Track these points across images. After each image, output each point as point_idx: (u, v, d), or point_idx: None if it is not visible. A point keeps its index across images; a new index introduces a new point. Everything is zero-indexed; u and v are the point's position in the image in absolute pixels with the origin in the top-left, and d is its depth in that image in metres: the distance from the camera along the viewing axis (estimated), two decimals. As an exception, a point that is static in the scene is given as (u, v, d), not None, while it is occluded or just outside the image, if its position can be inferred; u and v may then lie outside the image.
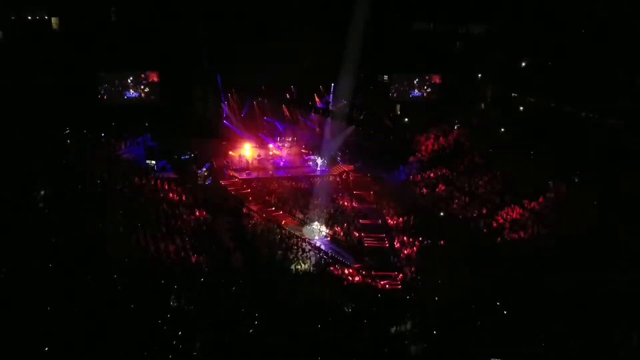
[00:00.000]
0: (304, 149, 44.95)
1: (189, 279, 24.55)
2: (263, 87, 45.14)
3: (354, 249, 31.25)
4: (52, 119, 35.83)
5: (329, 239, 32.40)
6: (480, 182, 36.78)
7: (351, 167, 42.24)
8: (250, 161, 42.21)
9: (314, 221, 33.19)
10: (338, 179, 40.95)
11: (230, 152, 42.92)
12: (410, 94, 46.72)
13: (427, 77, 46.55)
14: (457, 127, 45.13)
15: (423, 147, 42.97)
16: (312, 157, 43.69)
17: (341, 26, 39.11)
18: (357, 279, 28.37)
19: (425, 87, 46.40)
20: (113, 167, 34.62)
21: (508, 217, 32.82)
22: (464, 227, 33.16)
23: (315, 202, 35.56)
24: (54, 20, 42.57)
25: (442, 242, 31.14)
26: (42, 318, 19.06)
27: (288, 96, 45.50)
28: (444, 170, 39.16)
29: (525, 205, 33.27)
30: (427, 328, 21.92)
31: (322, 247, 31.49)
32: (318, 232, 32.57)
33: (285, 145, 44.73)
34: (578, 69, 39.20)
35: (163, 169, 38.93)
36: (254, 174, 40.81)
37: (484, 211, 33.97)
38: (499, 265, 27.05)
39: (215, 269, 26.54)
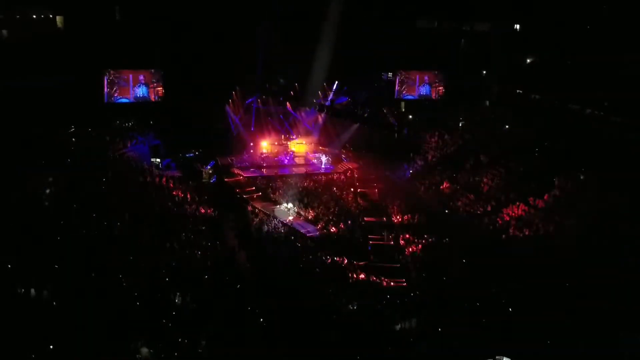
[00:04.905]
0: (308, 146, 44.93)
1: (194, 277, 24.58)
2: (267, 85, 45.22)
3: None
4: (57, 117, 35.95)
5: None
6: (485, 180, 36.69)
7: (355, 164, 42.18)
8: (255, 159, 42.35)
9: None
10: (342, 177, 40.90)
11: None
12: (415, 91, 46.74)
13: (431, 75, 46.54)
14: (462, 125, 45.07)
15: (427, 145, 42.88)
16: (316, 154, 43.66)
17: (345, 24, 39.12)
18: (362, 276, 28.39)
19: (429, 85, 46.37)
20: (118, 166, 34.74)
21: (513, 214, 32.74)
22: (469, 225, 33.09)
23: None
24: (58, 19, 42.73)
25: (447, 239, 31.09)
26: (45, 316, 19.17)
27: (292, 94, 45.49)
28: (449, 168, 39.05)
29: (531, 202, 33.19)
30: (432, 325, 21.90)
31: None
32: (290, 212, 33.83)
33: (290, 142, 44.74)
34: (583, 66, 39.11)
35: (167, 167, 39.00)
36: (259, 172, 40.84)
37: (489, 208, 33.89)
38: (504, 262, 26.96)
39: (220, 267, 26.55)
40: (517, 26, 48.54)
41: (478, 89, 47.11)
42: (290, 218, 33.59)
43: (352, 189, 38.39)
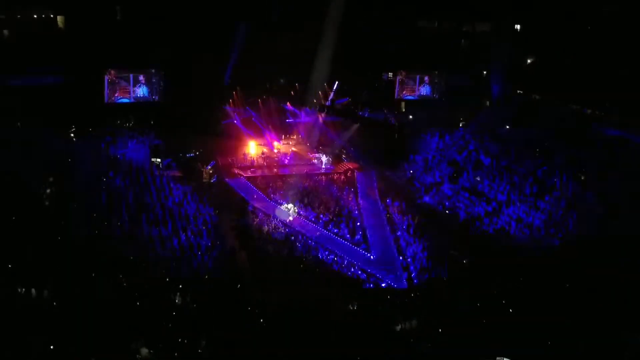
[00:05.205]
0: (308, 146, 44.94)
1: (194, 277, 24.62)
2: (268, 85, 45.23)
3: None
4: (57, 117, 35.99)
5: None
6: (485, 180, 36.65)
7: (356, 164, 42.16)
8: (255, 159, 42.26)
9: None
10: (343, 177, 40.92)
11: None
12: (416, 91, 46.75)
13: (432, 75, 46.55)
14: (462, 125, 45.07)
15: (428, 145, 42.86)
16: (317, 154, 43.66)
17: (345, 23, 39.11)
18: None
19: (430, 85, 46.41)
20: (118, 165, 34.76)
21: (514, 215, 32.72)
22: (469, 226, 33.08)
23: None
24: (59, 18, 42.78)
25: (447, 240, 31.08)
26: (45, 316, 19.20)
27: (292, 94, 45.50)
28: (449, 168, 39.03)
29: (531, 203, 33.16)
30: (432, 326, 21.90)
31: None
32: (290, 212, 33.71)
33: (290, 142, 44.77)
34: (584, 67, 39.12)
35: (168, 166, 38.99)
36: (259, 172, 40.85)
37: (490, 209, 33.87)
38: (504, 262, 26.98)
39: (220, 267, 26.58)
40: (518, 26, 48.54)
41: (478, 89, 47.08)
42: (291, 218, 33.59)
43: (352, 189, 38.40)
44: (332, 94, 45.30)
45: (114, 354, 18.12)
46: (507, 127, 43.17)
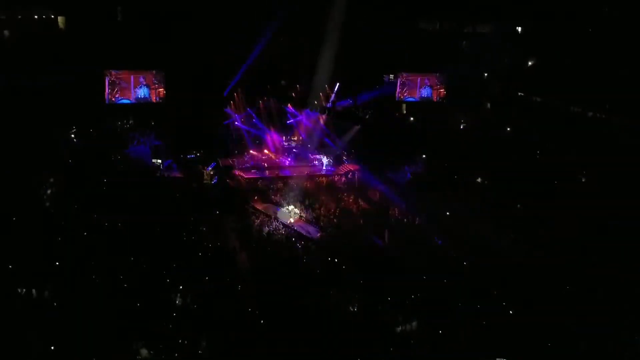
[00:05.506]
0: (309, 148, 44.94)
1: (194, 277, 24.59)
2: (268, 87, 45.25)
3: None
4: (58, 118, 36.03)
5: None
6: (485, 182, 36.63)
7: (357, 166, 42.17)
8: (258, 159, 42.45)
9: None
10: (344, 178, 40.92)
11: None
12: (416, 93, 46.75)
13: (432, 77, 46.55)
14: (463, 127, 45.05)
15: (428, 147, 42.84)
16: (318, 156, 43.68)
17: (346, 25, 39.15)
18: None
19: (430, 87, 46.39)
20: (119, 166, 34.80)
21: (514, 216, 32.69)
22: (469, 227, 33.02)
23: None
24: (60, 19, 42.82)
25: (447, 241, 31.04)
26: (46, 316, 19.22)
27: (293, 95, 45.50)
28: (449, 170, 39.02)
29: (532, 205, 33.13)
30: (432, 327, 21.87)
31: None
32: (291, 213, 33.72)
33: (291, 143, 44.79)
34: (585, 68, 39.10)
35: (169, 168, 39.03)
36: (260, 173, 40.87)
37: (490, 211, 33.83)
38: (505, 263, 26.94)
39: (220, 267, 26.55)
40: (519, 28, 48.54)
41: (479, 90, 47.06)
42: (292, 220, 33.59)
43: (352, 190, 38.41)
44: (333, 96, 45.30)
45: (114, 354, 18.14)
46: (508, 128, 43.17)
